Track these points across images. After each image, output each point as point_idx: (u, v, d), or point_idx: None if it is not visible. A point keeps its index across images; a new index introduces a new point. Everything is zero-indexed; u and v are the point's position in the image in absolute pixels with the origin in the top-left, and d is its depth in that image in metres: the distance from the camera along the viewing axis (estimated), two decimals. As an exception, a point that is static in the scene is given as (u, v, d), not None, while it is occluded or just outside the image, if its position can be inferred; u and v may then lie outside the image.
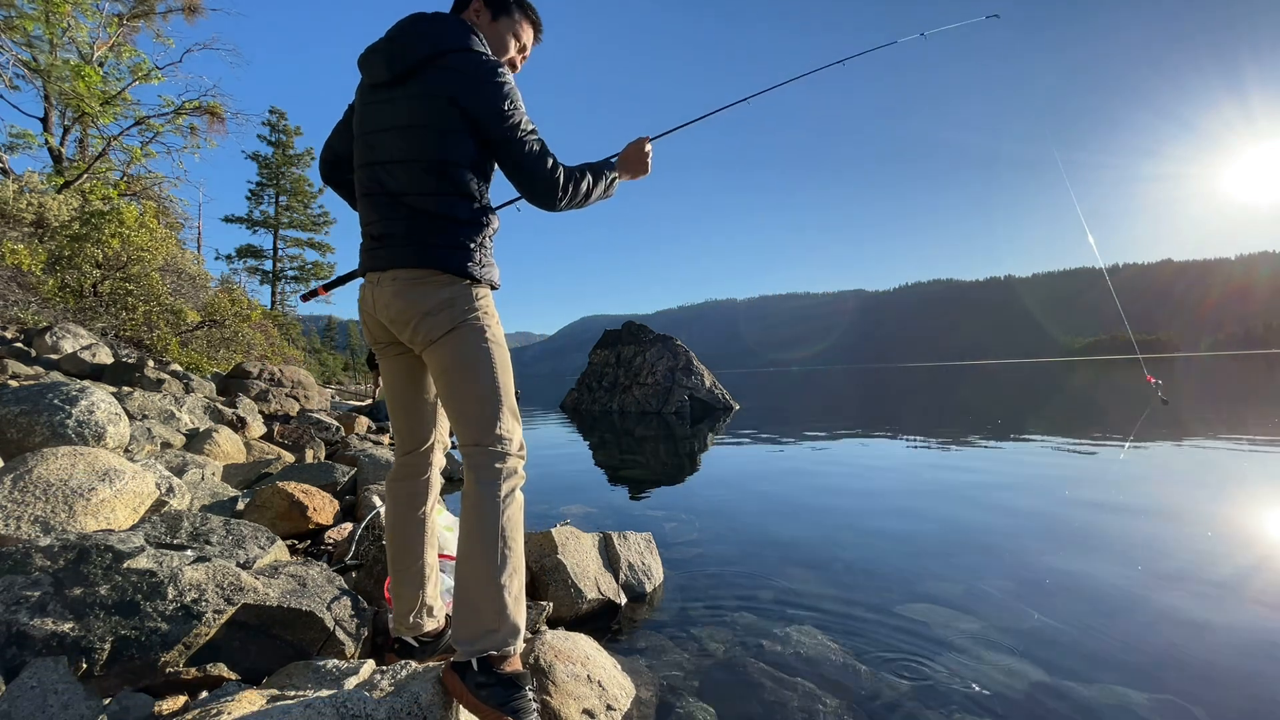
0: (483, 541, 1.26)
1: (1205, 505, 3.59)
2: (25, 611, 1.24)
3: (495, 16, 1.50)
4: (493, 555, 1.26)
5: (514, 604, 1.27)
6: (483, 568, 1.26)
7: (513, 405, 1.39)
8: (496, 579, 1.25)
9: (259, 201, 27.71)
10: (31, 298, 7.81)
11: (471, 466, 1.32)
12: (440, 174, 1.34)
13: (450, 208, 1.35)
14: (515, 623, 1.27)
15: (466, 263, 1.35)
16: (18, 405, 2.63)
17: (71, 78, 11.04)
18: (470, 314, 1.36)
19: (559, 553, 2.21)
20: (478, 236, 1.38)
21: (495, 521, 1.27)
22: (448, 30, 1.36)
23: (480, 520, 1.27)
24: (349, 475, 3.36)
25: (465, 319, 1.35)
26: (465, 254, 1.36)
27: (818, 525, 3.41)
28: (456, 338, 1.34)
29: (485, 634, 1.24)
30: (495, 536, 1.26)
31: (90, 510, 1.86)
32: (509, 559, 1.27)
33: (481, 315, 1.37)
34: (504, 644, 1.25)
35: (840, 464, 5.58)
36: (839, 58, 2.53)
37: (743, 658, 1.85)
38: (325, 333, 47.70)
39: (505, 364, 1.39)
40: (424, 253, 1.34)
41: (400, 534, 1.52)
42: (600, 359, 15.35)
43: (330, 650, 1.48)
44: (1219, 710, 1.53)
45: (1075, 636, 1.95)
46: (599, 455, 7.08)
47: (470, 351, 1.34)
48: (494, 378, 1.35)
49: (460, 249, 1.35)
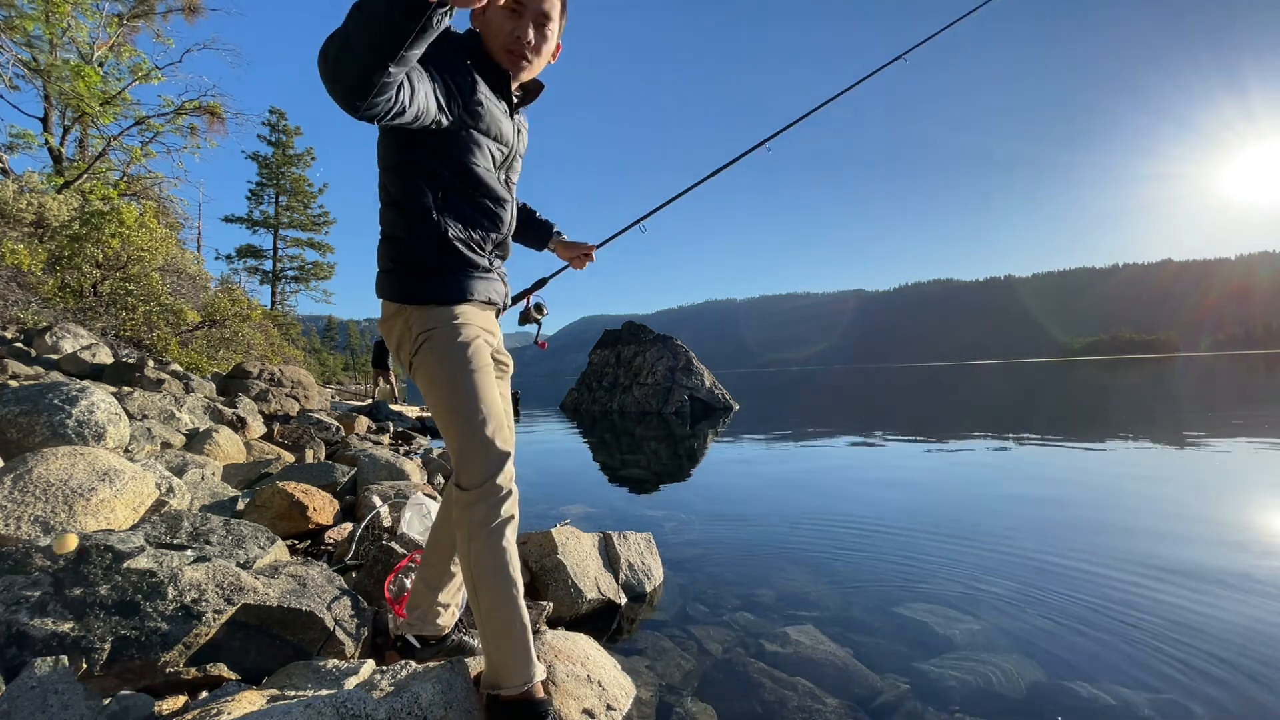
0: (467, 586, 1.28)
1: (1206, 505, 3.59)
2: (25, 611, 1.24)
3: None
4: (474, 599, 1.26)
5: (496, 643, 1.25)
6: (474, 609, 1.28)
7: (490, 429, 1.26)
8: (482, 621, 1.26)
9: (259, 201, 27.72)
10: (31, 298, 7.81)
11: (454, 502, 1.30)
12: (381, 188, 1.30)
13: (389, 226, 1.30)
14: (502, 660, 1.25)
15: (401, 286, 1.29)
16: (18, 405, 2.63)
17: (71, 78, 11.04)
18: (423, 342, 1.28)
19: (559, 553, 2.21)
20: (420, 251, 1.27)
21: (468, 568, 1.25)
22: None
23: (462, 564, 1.28)
24: (349, 475, 3.36)
25: (418, 349, 1.29)
26: (401, 277, 1.29)
27: (818, 525, 3.40)
28: (418, 371, 1.31)
29: (484, 672, 1.29)
30: (471, 582, 1.26)
31: (90, 510, 1.86)
32: (479, 602, 1.25)
33: (434, 340, 1.28)
34: (493, 685, 1.25)
35: (841, 464, 5.58)
36: (842, 86, 2.43)
37: (743, 658, 1.85)
38: (325, 333, 47.70)
39: (468, 388, 1.26)
40: (378, 282, 1.34)
41: (435, 532, 1.58)
42: (600, 359, 15.35)
43: (330, 650, 1.48)
44: (1219, 710, 1.53)
45: (1075, 636, 1.95)
46: (599, 455, 7.08)
47: (428, 384, 1.30)
48: (454, 410, 1.26)
49: (395, 272, 1.30)
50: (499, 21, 1.29)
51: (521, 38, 1.29)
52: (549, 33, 1.34)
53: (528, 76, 1.38)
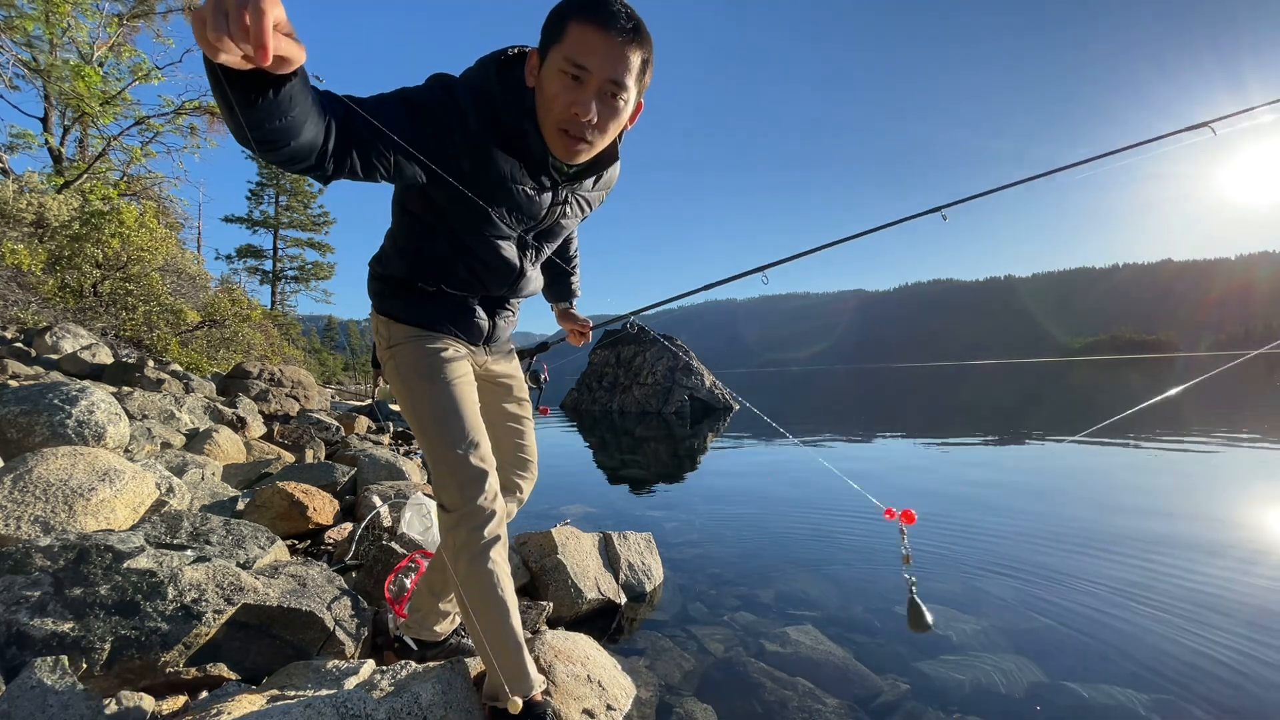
0: (459, 606, 1.29)
1: (1206, 505, 3.59)
2: (25, 611, 1.24)
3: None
4: (467, 619, 1.26)
5: (492, 660, 1.24)
6: (468, 628, 1.28)
7: (462, 447, 1.22)
8: (476, 640, 1.26)
9: (259, 201, 27.71)
10: (31, 298, 7.81)
11: (439, 522, 1.30)
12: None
13: (385, 239, 1.33)
14: (499, 677, 1.25)
15: (377, 296, 1.33)
16: (18, 405, 2.63)
17: (71, 78, 11.03)
18: (392, 353, 1.30)
19: (559, 553, 2.21)
20: (394, 274, 1.29)
21: (457, 590, 1.25)
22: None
23: (452, 585, 1.29)
24: (349, 475, 3.36)
25: (389, 359, 1.31)
26: (376, 285, 1.34)
27: (818, 525, 3.40)
28: (390, 382, 1.33)
29: (485, 686, 1.30)
30: (462, 603, 1.25)
31: (90, 510, 1.86)
32: (472, 623, 1.24)
33: (400, 354, 1.28)
34: (493, 698, 1.26)
35: (841, 464, 5.58)
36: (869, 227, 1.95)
37: (743, 658, 1.85)
38: (325, 333, 47.68)
39: (435, 403, 1.23)
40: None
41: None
42: (600, 359, 15.34)
43: (330, 650, 1.48)
44: (1219, 710, 1.53)
45: (1075, 636, 1.95)
46: (599, 455, 7.08)
47: (398, 397, 1.30)
48: (423, 426, 1.24)
49: (374, 279, 1.34)
50: (553, 90, 1.00)
51: (580, 115, 1.00)
52: (621, 103, 1.03)
53: (588, 157, 1.12)
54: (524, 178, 1.14)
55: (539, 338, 2.09)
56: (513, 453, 1.53)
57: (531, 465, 1.57)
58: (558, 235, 1.33)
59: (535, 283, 1.43)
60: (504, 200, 1.14)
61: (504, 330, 1.45)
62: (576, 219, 1.34)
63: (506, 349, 1.55)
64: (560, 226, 1.30)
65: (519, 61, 1.08)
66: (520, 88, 1.07)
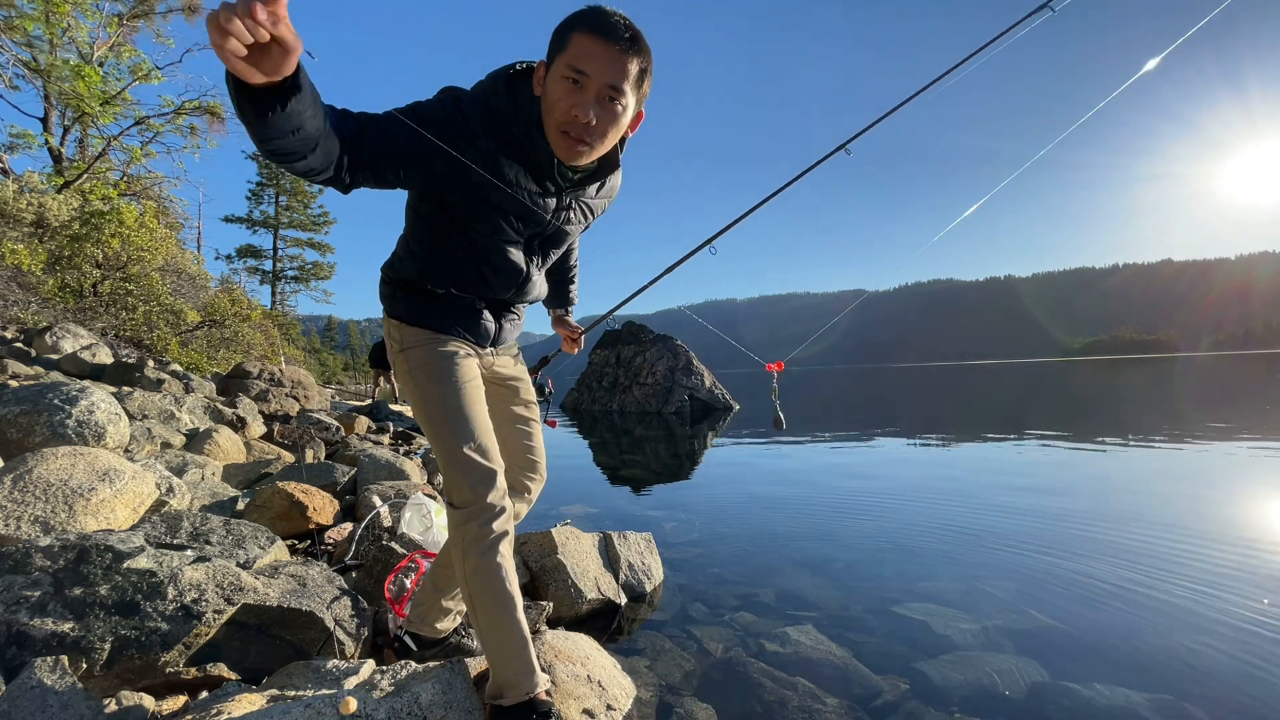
0: (465, 602, 1.28)
1: (1206, 505, 3.58)
2: (25, 611, 1.24)
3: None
4: (473, 615, 1.26)
5: (497, 657, 1.25)
6: (473, 624, 1.28)
7: (472, 446, 1.25)
8: (481, 637, 1.27)
9: (259, 201, 27.74)
10: (31, 298, 7.81)
11: (448, 519, 1.32)
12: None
13: (398, 243, 1.37)
14: (503, 674, 1.25)
15: (389, 299, 1.37)
16: (18, 405, 2.63)
17: (71, 78, 11.04)
18: (402, 355, 1.33)
19: (559, 553, 2.21)
20: (405, 278, 1.33)
21: (464, 585, 1.26)
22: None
23: (459, 581, 1.29)
24: (349, 475, 3.36)
25: (400, 361, 1.34)
26: (388, 289, 1.37)
27: (818, 525, 3.41)
28: (401, 384, 1.36)
29: (488, 684, 1.29)
30: (469, 599, 1.26)
31: (90, 510, 1.86)
32: (478, 619, 1.25)
33: (412, 357, 1.31)
34: (496, 696, 1.26)
35: (841, 464, 5.58)
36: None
37: (743, 658, 1.85)
38: (325, 333, 47.69)
39: (446, 404, 1.26)
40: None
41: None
42: (600, 359, 15.34)
43: (330, 650, 1.48)
44: (1219, 710, 1.53)
45: (1075, 636, 1.95)
46: (599, 455, 7.08)
47: (410, 399, 1.32)
48: (434, 426, 1.27)
49: (386, 283, 1.38)
50: (556, 94, 1.07)
51: (580, 117, 1.06)
52: (619, 108, 1.09)
53: (589, 160, 1.17)
54: (529, 183, 1.21)
55: (538, 337, 2.11)
56: (521, 454, 1.55)
57: (539, 466, 1.58)
58: (562, 241, 1.40)
59: (540, 287, 1.48)
60: (511, 205, 1.21)
61: (510, 333, 1.49)
62: (580, 225, 1.39)
63: (513, 351, 1.57)
64: (564, 232, 1.36)
65: (526, 75, 1.16)
66: (527, 99, 1.14)
